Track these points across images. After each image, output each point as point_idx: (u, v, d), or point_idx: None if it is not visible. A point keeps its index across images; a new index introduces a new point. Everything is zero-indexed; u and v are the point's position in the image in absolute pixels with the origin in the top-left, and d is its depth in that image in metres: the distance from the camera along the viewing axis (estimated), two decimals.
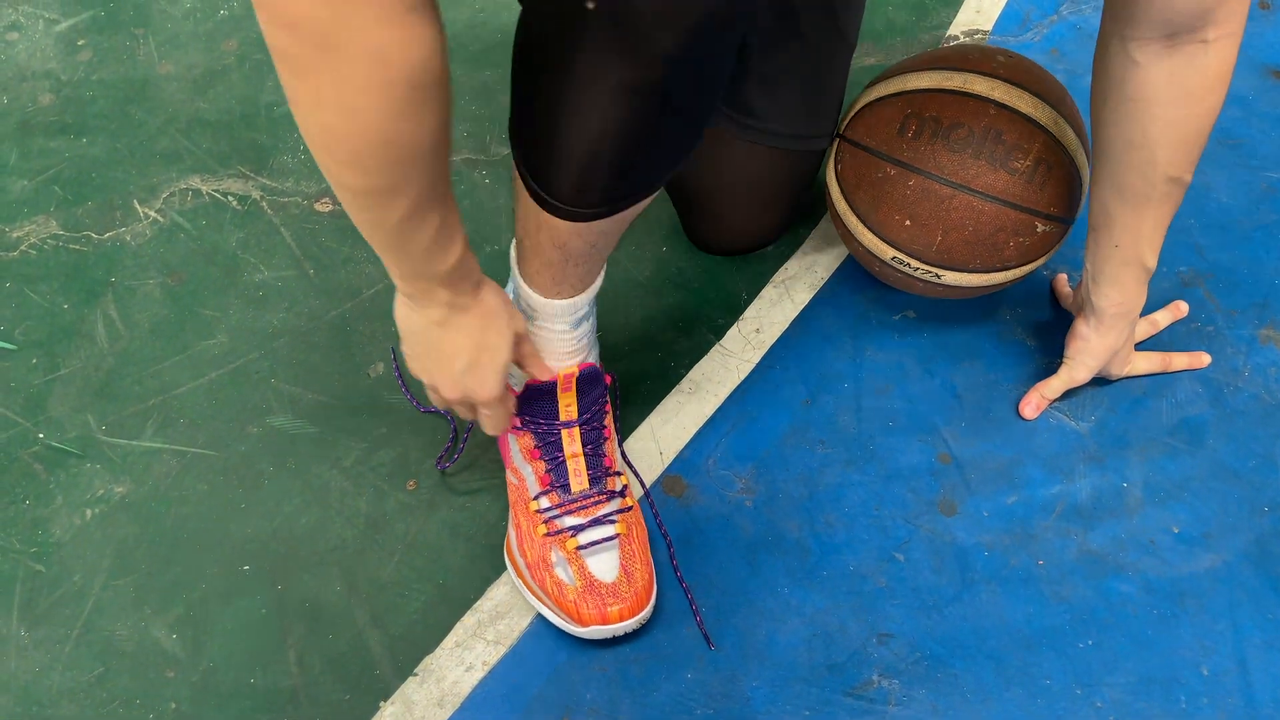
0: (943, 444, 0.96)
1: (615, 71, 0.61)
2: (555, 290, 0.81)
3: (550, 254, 0.77)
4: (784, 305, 1.06)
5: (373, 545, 0.91)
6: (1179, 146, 0.82)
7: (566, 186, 0.70)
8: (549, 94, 0.65)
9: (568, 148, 0.67)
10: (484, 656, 0.85)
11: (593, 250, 0.77)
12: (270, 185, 1.16)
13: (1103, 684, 0.84)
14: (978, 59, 0.92)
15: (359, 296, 1.07)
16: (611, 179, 0.69)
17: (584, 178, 0.69)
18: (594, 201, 0.71)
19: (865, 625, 0.87)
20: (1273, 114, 1.19)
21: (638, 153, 0.68)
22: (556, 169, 0.69)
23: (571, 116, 0.65)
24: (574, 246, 0.76)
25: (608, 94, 0.62)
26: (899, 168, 0.91)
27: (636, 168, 0.70)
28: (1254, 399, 0.98)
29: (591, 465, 0.86)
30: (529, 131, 0.70)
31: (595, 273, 0.82)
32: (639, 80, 0.62)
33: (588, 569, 0.84)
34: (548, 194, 0.71)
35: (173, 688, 0.84)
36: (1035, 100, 0.90)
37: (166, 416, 0.99)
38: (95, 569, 0.90)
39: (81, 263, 1.10)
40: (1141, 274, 0.89)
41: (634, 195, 0.72)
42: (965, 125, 0.89)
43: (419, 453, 0.96)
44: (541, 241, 0.76)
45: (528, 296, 0.82)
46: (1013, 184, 0.89)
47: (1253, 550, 0.90)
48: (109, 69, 1.27)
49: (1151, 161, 0.82)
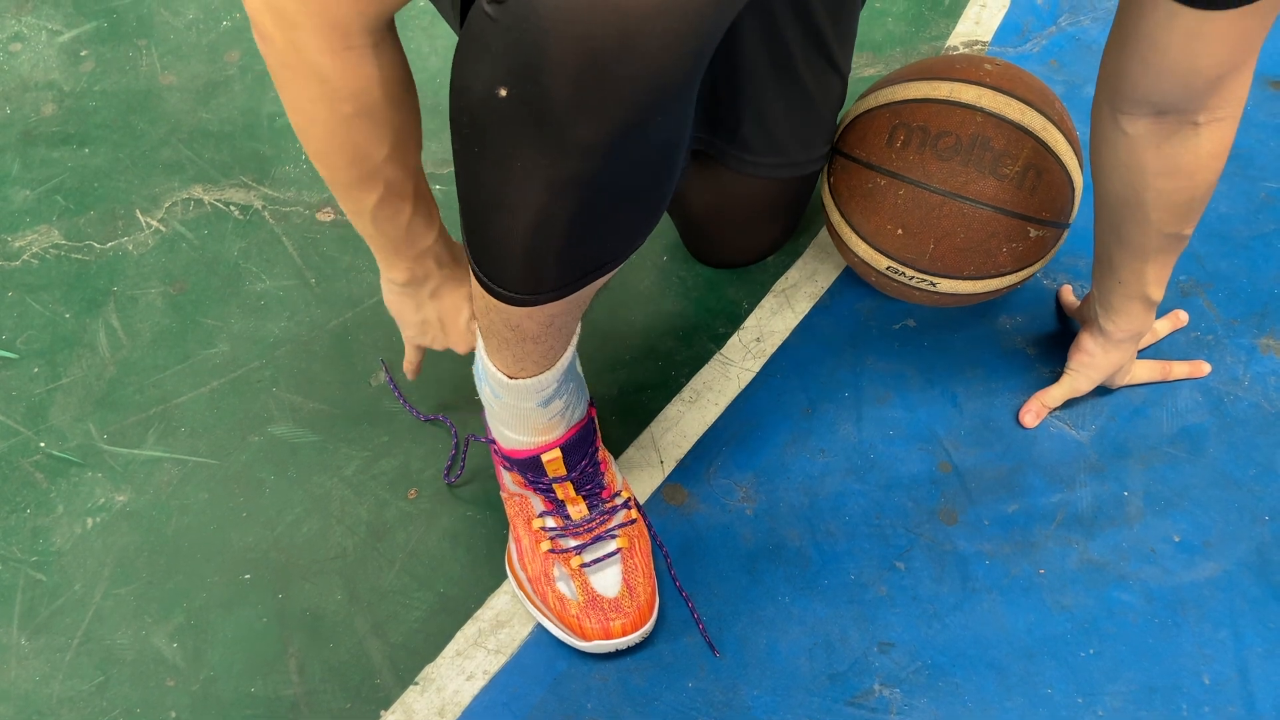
0: (943, 453, 0.96)
1: (540, 165, 0.55)
2: (518, 368, 0.74)
3: (505, 334, 0.71)
4: (784, 314, 1.06)
5: (373, 554, 0.91)
6: (1172, 210, 0.81)
7: (510, 277, 0.64)
8: (484, 186, 0.60)
9: (509, 241, 0.61)
10: (485, 665, 0.85)
11: (549, 329, 0.70)
12: (272, 195, 1.16)
13: (1104, 693, 0.83)
14: (964, 67, 0.93)
15: (360, 305, 1.07)
16: (560, 268, 0.63)
17: (530, 268, 0.63)
18: (545, 289, 0.65)
19: (866, 634, 0.86)
20: (1271, 124, 1.19)
21: (586, 240, 0.62)
22: (500, 261, 0.63)
23: (507, 211, 0.59)
24: (528, 328, 0.70)
25: (540, 186, 0.57)
26: (889, 178, 0.91)
27: (586, 253, 0.63)
28: (1254, 407, 0.98)
29: (591, 505, 0.85)
30: (470, 221, 0.64)
31: (560, 349, 0.74)
32: (567, 173, 0.56)
33: (590, 584, 0.83)
34: (495, 283, 0.65)
35: (173, 696, 0.84)
36: (1023, 106, 0.90)
37: (168, 425, 0.99)
38: (96, 578, 0.90)
39: (83, 272, 1.10)
40: (1147, 305, 0.90)
41: (587, 277, 0.65)
42: (952, 133, 0.89)
43: (420, 461, 0.96)
44: (495, 322, 0.70)
45: (491, 374, 0.77)
46: (1002, 190, 0.89)
47: (1253, 559, 0.90)
48: (111, 79, 1.27)
49: (1146, 220, 0.82)
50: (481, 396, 0.81)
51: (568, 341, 0.75)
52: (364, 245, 1.11)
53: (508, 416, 0.79)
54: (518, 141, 0.55)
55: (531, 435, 0.80)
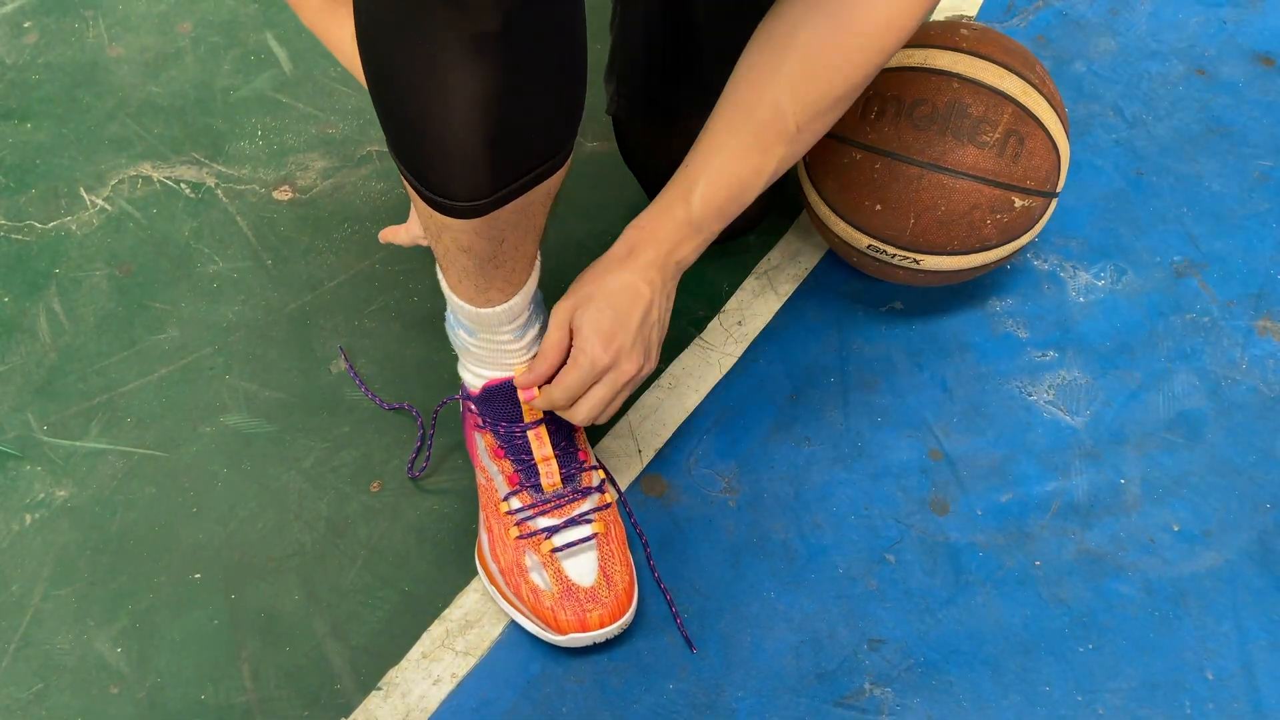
0: (933, 440, 0.93)
1: (449, 33, 0.59)
2: (483, 298, 0.75)
3: (461, 261, 0.72)
4: (767, 297, 1.02)
5: (333, 551, 0.87)
6: (808, 71, 0.75)
7: (453, 178, 0.65)
8: (399, 77, 0.63)
9: (437, 133, 0.63)
10: (453, 668, 0.81)
11: (503, 250, 0.71)
12: (226, 172, 1.11)
13: (1104, 690, 0.80)
14: (940, 33, 0.91)
15: (320, 288, 1.02)
16: (494, 154, 0.64)
17: (465, 165, 0.65)
18: (483, 191, 0.66)
19: (855, 630, 0.83)
20: (1263, 101, 1.17)
21: (510, 130, 0.64)
22: (434, 161, 0.65)
23: (428, 95, 0.62)
24: (481, 248, 0.71)
25: (453, 59, 0.60)
26: (864, 151, 0.89)
27: (514, 145, 0.65)
28: (1252, 391, 0.96)
29: (564, 464, 0.82)
30: (395, 131, 0.66)
31: (522, 273, 0.75)
32: (474, 31, 0.58)
33: (564, 573, 0.80)
34: (437, 193, 0.67)
35: (117, 705, 0.80)
36: (1001, 70, 0.88)
37: (112, 415, 0.94)
38: (34, 578, 0.86)
39: (24, 253, 1.05)
40: (686, 213, 0.79)
41: (523, 180, 0.67)
42: (928, 101, 0.87)
43: (383, 453, 0.92)
44: (448, 247, 0.71)
45: (459, 309, 0.77)
46: (983, 158, 0.87)
47: (1255, 548, 0.87)
48: (56, 52, 1.22)
49: (775, 74, 0.75)
50: (456, 346, 0.81)
51: (528, 267, 0.76)
52: (324, 226, 1.07)
53: (484, 354, 0.80)
54: (420, 11, 0.58)
55: (510, 372, 0.80)
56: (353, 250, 1.05)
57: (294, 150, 1.13)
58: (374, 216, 1.07)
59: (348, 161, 1.12)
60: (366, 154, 1.13)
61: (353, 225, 1.07)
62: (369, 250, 1.05)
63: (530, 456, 0.82)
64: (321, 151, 1.13)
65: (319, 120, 1.16)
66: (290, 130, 1.15)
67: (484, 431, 0.83)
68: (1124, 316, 1.00)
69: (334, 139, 1.14)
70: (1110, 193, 1.09)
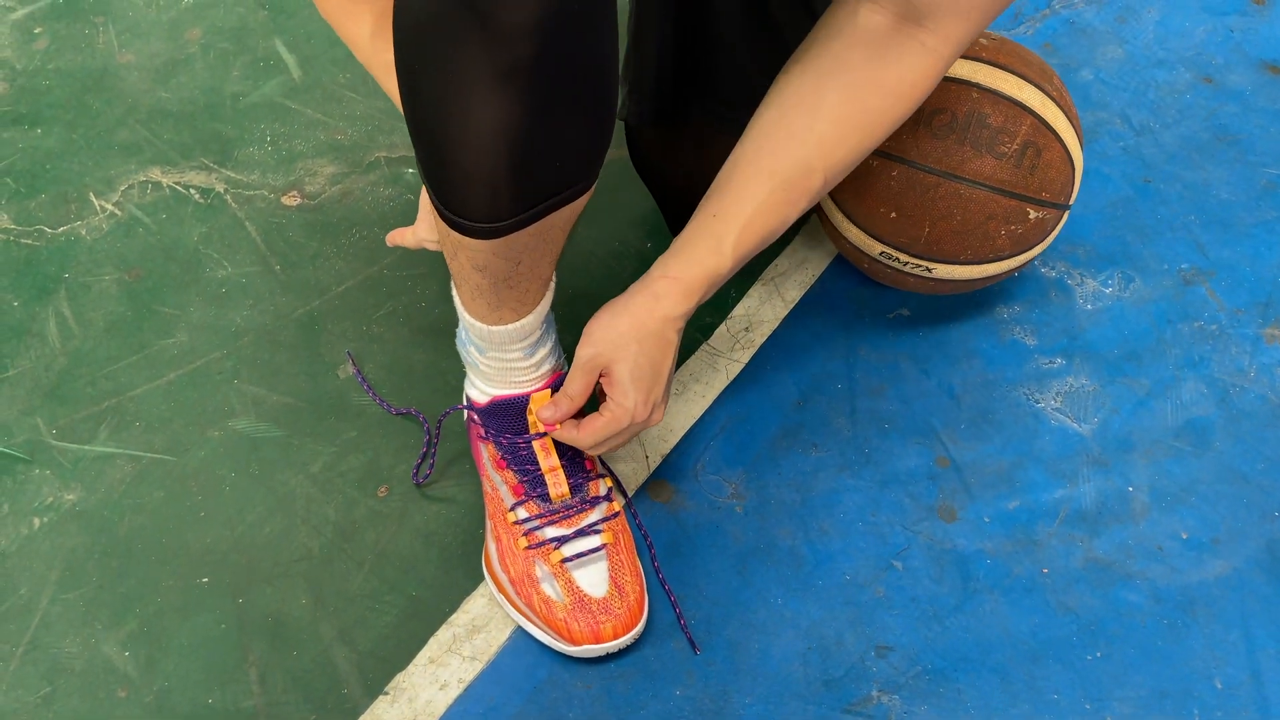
0: (941, 447, 0.93)
1: (481, 60, 0.59)
2: (495, 316, 0.75)
3: (475, 279, 0.72)
4: (774, 303, 1.02)
5: (341, 555, 0.87)
6: (837, 127, 0.77)
7: (473, 199, 0.65)
8: (431, 101, 0.63)
9: (462, 155, 0.63)
10: (460, 674, 0.81)
11: (518, 271, 0.71)
12: (235, 178, 1.11)
13: (1112, 698, 0.80)
14: None
15: (328, 294, 1.02)
16: (515, 187, 0.65)
17: (488, 187, 0.64)
18: (504, 214, 0.66)
19: (863, 637, 0.83)
20: (1271, 109, 1.17)
21: (535, 154, 0.64)
22: (458, 183, 0.65)
23: (457, 120, 0.62)
24: (496, 268, 0.70)
25: (484, 85, 0.60)
26: (881, 158, 0.89)
27: (538, 170, 0.65)
28: (1261, 399, 0.95)
29: (571, 473, 0.82)
30: (420, 146, 0.66)
31: (536, 294, 0.75)
32: (506, 62, 0.59)
33: (576, 584, 0.80)
34: (457, 214, 0.67)
35: (125, 708, 0.80)
36: (1020, 81, 0.88)
37: (121, 420, 0.94)
38: (43, 581, 0.86)
39: (33, 258, 1.05)
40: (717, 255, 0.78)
41: (544, 203, 0.67)
42: (947, 110, 0.87)
43: (390, 457, 0.92)
44: (463, 265, 0.71)
45: (470, 326, 0.77)
46: (1000, 169, 0.86)
47: (1264, 556, 0.87)
48: (66, 58, 1.22)
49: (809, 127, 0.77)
50: (465, 361, 0.81)
51: (543, 288, 0.76)
52: (332, 231, 1.07)
53: (493, 373, 0.79)
54: (455, 36, 0.58)
55: (519, 390, 0.80)
56: (361, 255, 1.05)
57: (303, 156, 1.13)
58: (382, 222, 1.08)
59: (356, 167, 1.12)
60: (375, 160, 1.13)
61: (361, 231, 1.07)
62: (377, 255, 1.05)
63: (536, 467, 0.81)
64: (330, 157, 1.13)
65: (328, 126, 1.16)
66: (299, 136, 1.15)
67: (487, 442, 0.83)
68: (1132, 324, 1.00)
69: (342, 145, 1.14)
70: (1118, 200, 1.09)
